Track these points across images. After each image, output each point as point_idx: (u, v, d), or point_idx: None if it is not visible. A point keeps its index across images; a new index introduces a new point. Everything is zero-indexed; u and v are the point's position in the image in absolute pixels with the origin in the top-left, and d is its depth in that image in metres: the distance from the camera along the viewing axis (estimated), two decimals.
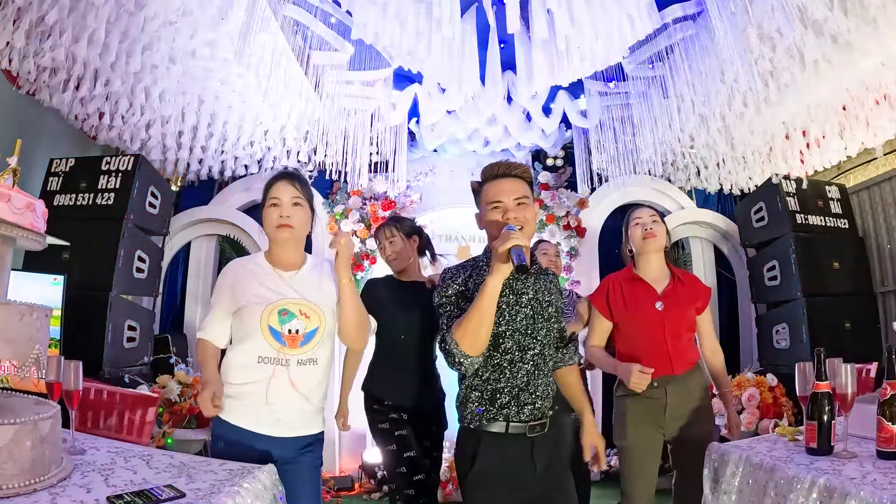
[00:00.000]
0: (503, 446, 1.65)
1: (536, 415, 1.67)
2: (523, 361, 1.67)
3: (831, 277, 3.81)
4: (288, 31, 3.33)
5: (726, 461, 1.85)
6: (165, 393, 3.17)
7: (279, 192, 1.81)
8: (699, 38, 3.21)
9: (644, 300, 2.27)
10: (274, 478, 1.61)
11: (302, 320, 1.76)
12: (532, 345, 1.68)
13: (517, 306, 1.68)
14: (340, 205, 4.25)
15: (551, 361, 1.77)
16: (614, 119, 3.87)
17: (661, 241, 2.30)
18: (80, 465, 1.53)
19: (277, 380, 1.73)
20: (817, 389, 1.72)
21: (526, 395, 1.66)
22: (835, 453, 1.67)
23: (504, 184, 1.66)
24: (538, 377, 1.68)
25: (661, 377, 2.20)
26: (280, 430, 1.75)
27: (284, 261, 1.84)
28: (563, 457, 1.78)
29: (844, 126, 3.53)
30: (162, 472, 1.52)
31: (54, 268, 3.05)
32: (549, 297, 1.74)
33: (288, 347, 1.74)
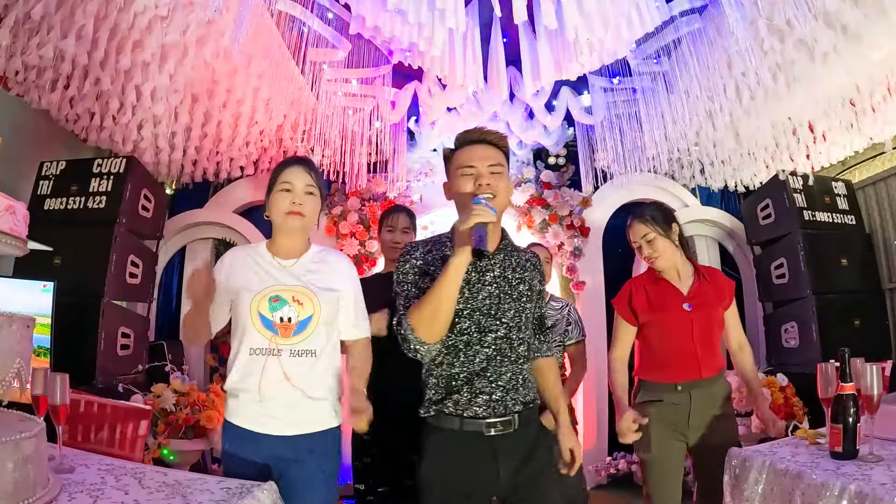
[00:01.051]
0: (455, 447, 1.50)
1: (496, 409, 1.48)
2: (482, 345, 1.50)
3: (839, 274, 3.76)
4: (284, 27, 3.24)
5: (748, 467, 1.77)
6: (160, 402, 3.07)
7: (292, 177, 1.69)
8: (706, 32, 3.14)
9: (671, 301, 2.16)
10: (274, 496, 1.51)
11: (295, 307, 1.64)
12: (495, 327, 1.51)
13: (479, 284, 1.52)
14: (339, 206, 4.16)
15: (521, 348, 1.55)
16: (619, 116, 3.79)
17: (667, 254, 2.17)
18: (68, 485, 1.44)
19: (269, 372, 1.62)
20: (842, 391, 1.65)
21: (483, 384, 1.49)
22: (860, 457, 1.61)
23: (478, 149, 1.53)
24: (501, 364, 1.50)
25: (688, 382, 2.11)
26: (277, 428, 1.63)
27: (287, 249, 1.73)
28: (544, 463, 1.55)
29: (852, 120, 3.47)
30: (155, 493, 1.42)
31: (45, 274, 2.94)
32: (520, 275, 1.56)
33: (280, 337, 1.63)
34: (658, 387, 2.16)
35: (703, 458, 2.15)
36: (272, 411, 1.63)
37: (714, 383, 2.15)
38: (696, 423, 2.11)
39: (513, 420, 1.50)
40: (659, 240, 2.16)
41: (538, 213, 4.20)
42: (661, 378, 2.16)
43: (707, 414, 2.12)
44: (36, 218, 3.27)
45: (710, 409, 2.12)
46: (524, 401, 1.53)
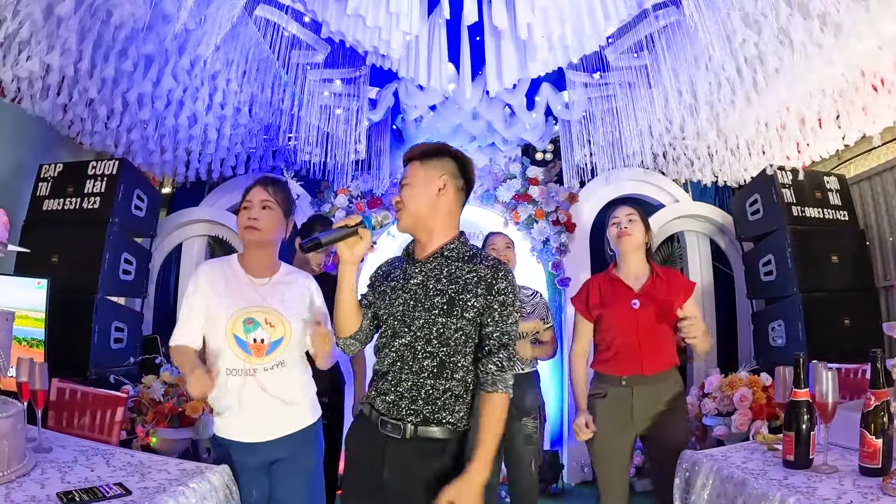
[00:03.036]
0: (362, 430, 1.61)
1: (391, 411, 1.53)
2: (389, 348, 1.57)
3: (830, 272, 3.67)
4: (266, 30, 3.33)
5: (697, 471, 1.78)
6: (150, 393, 3.22)
7: (251, 196, 1.83)
8: (682, 25, 3.10)
9: (620, 298, 2.27)
10: (226, 478, 1.65)
11: (267, 329, 1.76)
12: (402, 333, 1.54)
13: (400, 290, 1.58)
14: (327, 204, 4.25)
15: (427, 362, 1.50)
16: (600, 111, 3.77)
17: (637, 238, 2.28)
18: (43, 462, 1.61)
19: (247, 388, 1.75)
20: (795, 398, 1.62)
21: (385, 385, 1.56)
22: (813, 467, 1.57)
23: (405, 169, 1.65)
24: (401, 371, 1.53)
25: (630, 376, 2.21)
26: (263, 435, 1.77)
27: (256, 266, 1.83)
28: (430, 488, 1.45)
29: (841, 113, 3.39)
30: (118, 471, 1.59)
31: (43, 271, 3.12)
32: (443, 286, 1.51)
33: (254, 356, 1.75)
34: (606, 378, 2.28)
35: (653, 453, 2.27)
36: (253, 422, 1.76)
37: (661, 381, 2.22)
38: (640, 417, 2.20)
39: (404, 427, 1.50)
40: (639, 225, 2.30)
41: (524, 208, 4.21)
42: (607, 370, 2.28)
43: (652, 410, 2.19)
44: (35, 218, 3.53)
45: (655, 405, 2.19)
46: (427, 416, 1.49)
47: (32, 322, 2.92)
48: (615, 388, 2.23)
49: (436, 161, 1.59)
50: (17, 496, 1.33)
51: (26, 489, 1.37)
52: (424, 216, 1.57)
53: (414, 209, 1.57)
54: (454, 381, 1.51)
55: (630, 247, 2.28)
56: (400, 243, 4.31)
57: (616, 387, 2.23)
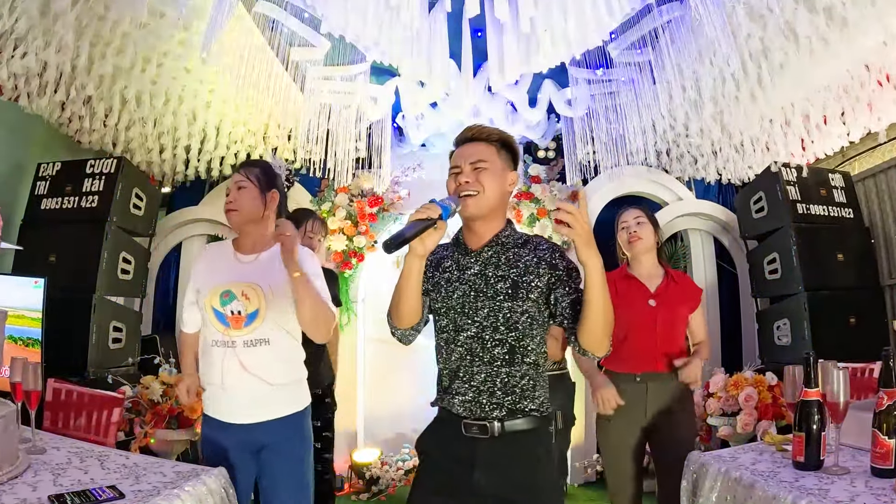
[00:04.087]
0: (444, 434, 1.52)
1: (473, 411, 1.46)
2: (456, 344, 1.50)
3: (835, 270, 3.64)
4: (265, 27, 3.30)
5: (705, 473, 1.74)
6: (148, 394, 3.19)
7: (229, 183, 1.89)
8: (686, 20, 3.07)
9: (637, 297, 2.32)
10: (223, 480, 1.63)
11: (242, 301, 1.77)
12: (466, 325, 1.48)
13: (457, 282, 1.51)
14: (328, 202, 4.22)
15: (498, 350, 1.46)
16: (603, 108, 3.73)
17: (647, 241, 2.34)
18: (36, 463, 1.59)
19: (228, 363, 1.76)
20: (805, 397, 1.59)
21: (458, 384, 1.49)
22: (824, 468, 1.53)
23: (465, 148, 1.53)
24: (472, 364, 1.47)
25: (645, 373, 2.25)
26: (244, 417, 1.77)
27: (246, 245, 1.87)
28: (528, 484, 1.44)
29: (846, 110, 3.35)
30: (112, 473, 1.56)
31: (41, 270, 3.09)
32: (504, 272, 1.48)
33: (233, 328, 1.77)
34: (619, 376, 2.28)
35: (661, 452, 2.26)
36: (236, 402, 1.77)
37: (670, 379, 2.26)
38: (654, 412, 2.23)
39: (491, 426, 1.44)
40: (647, 227, 2.35)
41: (526, 207, 4.18)
42: (622, 368, 2.29)
43: (664, 406, 2.24)
44: (33, 217, 3.50)
45: (667, 402, 2.24)
46: (511, 407, 1.45)
47: (29, 321, 2.89)
48: (630, 385, 2.25)
49: (507, 154, 1.55)
50: (8, 499, 1.30)
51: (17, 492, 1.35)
52: (494, 206, 1.51)
53: (490, 196, 1.49)
54: (526, 365, 1.48)
55: (641, 249, 2.34)
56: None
57: (631, 384, 2.25)
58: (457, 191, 1.49)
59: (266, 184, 1.87)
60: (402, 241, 1.35)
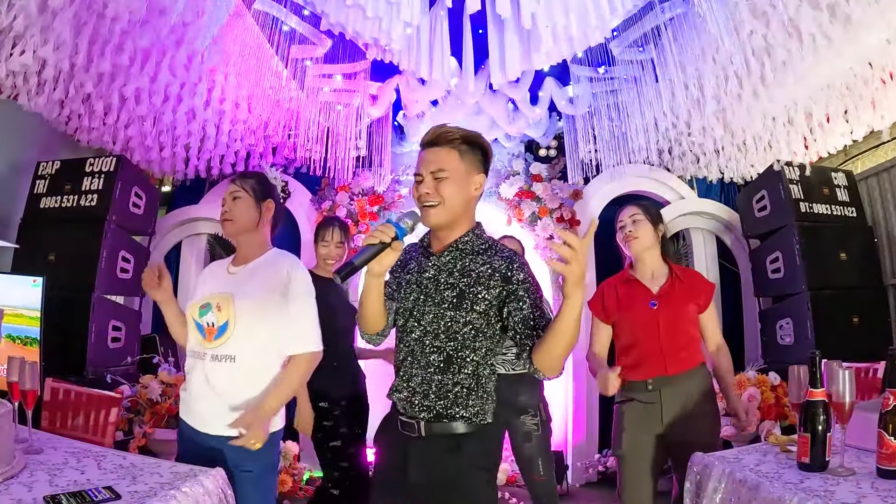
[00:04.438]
0: (388, 429, 1.58)
1: (406, 408, 1.50)
2: (403, 343, 1.54)
3: (838, 269, 3.61)
4: (265, 25, 3.28)
5: (709, 474, 1.71)
6: (147, 393, 3.18)
7: (225, 193, 1.89)
8: (688, 17, 3.05)
9: (638, 300, 2.21)
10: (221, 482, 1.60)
11: (215, 313, 1.75)
12: (412, 328, 1.51)
13: (414, 284, 1.53)
14: (328, 201, 4.20)
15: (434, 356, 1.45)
16: (606, 106, 3.71)
17: (645, 240, 2.23)
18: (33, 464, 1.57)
19: (196, 373, 1.77)
20: (811, 397, 1.57)
21: (398, 382, 1.53)
22: (829, 469, 1.51)
23: (428, 154, 1.47)
24: (412, 367, 1.49)
25: (656, 378, 2.14)
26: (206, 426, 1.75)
27: (241, 255, 1.88)
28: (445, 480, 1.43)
29: (849, 108, 3.33)
30: (109, 473, 1.54)
31: (40, 269, 3.07)
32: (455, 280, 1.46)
33: (206, 340, 1.76)
34: (631, 385, 2.18)
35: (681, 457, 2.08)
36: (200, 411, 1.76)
37: (688, 379, 2.14)
38: (671, 419, 2.11)
39: (417, 426, 1.48)
40: (644, 224, 2.22)
41: (527, 205, 4.16)
42: (633, 376, 2.18)
43: (682, 412, 2.11)
44: (32, 216, 3.49)
45: (685, 406, 2.11)
46: (441, 412, 1.45)
47: (27, 320, 2.87)
48: (642, 392, 2.16)
49: (472, 156, 1.48)
50: (3, 499, 1.29)
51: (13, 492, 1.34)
52: (457, 214, 1.48)
53: (451, 205, 1.45)
54: (462, 374, 1.47)
55: (639, 249, 2.24)
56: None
57: (643, 392, 2.16)
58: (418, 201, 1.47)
59: (261, 193, 1.87)
60: (352, 269, 1.37)
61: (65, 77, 2.97)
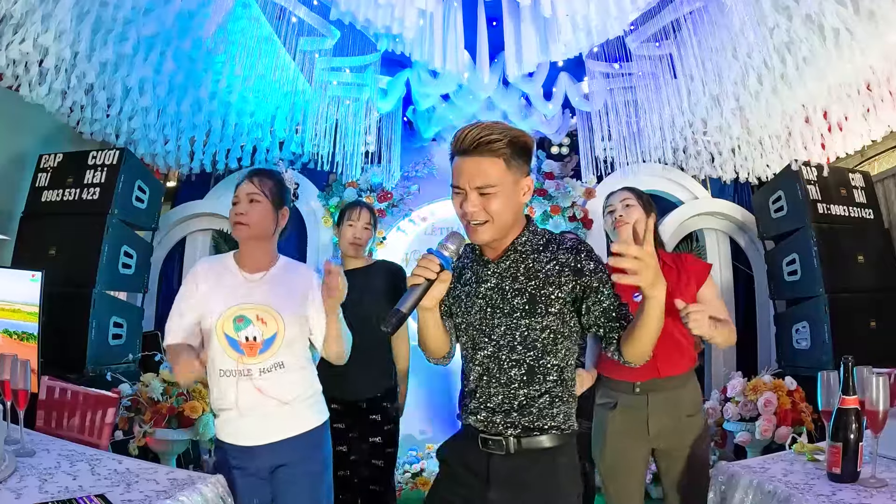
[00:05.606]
0: (462, 443, 1.44)
1: (489, 427, 1.37)
2: (473, 362, 1.40)
3: (855, 272, 3.53)
4: (272, 17, 3.21)
5: (735, 485, 1.63)
6: (148, 392, 3.10)
7: (239, 191, 1.75)
8: (708, 11, 2.97)
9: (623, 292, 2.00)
10: (220, 490, 1.54)
11: (259, 326, 1.67)
12: (483, 344, 1.38)
13: (475, 297, 1.39)
14: (336, 197, 4.12)
15: (515, 371, 1.35)
16: (620, 102, 3.63)
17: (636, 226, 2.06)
18: (23, 467, 1.50)
19: (244, 390, 1.66)
20: (844, 405, 1.49)
21: (474, 403, 1.40)
22: (861, 480, 1.45)
23: (466, 164, 1.30)
24: (489, 386, 1.37)
25: (645, 382, 1.96)
26: (262, 438, 1.67)
27: (251, 262, 1.76)
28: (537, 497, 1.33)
29: (869, 107, 3.25)
30: (103, 480, 1.47)
31: (41, 264, 3.01)
32: (521, 285, 1.34)
33: (247, 356, 1.66)
34: (616, 384, 2.03)
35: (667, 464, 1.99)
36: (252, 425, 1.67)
37: (679, 385, 1.97)
38: (659, 427, 1.95)
39: (505, 443, 1.35)
40: (636, 210, 2.05)
41: (539, 203, 4.08)
42: (618, 375, 2.02)
43: (671, 419, 1.94)
44: (34, 210, 3.42)
45: (674, 414, 1.94)
46: (527, 426, 1.34)
47: (25, 316, 2.80)
48: (627, 395, 1.99)
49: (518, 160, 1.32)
50: None
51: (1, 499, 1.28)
52: (509, 226, 1.35)
53: (502, 221, 1.32)
54: (548, 383, 1.35)
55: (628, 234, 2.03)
56: (410, 240, 4.19)
57: (628, 394, 1.98)
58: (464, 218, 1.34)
59: (279, 199, 1.77)
60: (402, 317, 1.26)
61: (67, 67, 2.90)
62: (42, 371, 2.62)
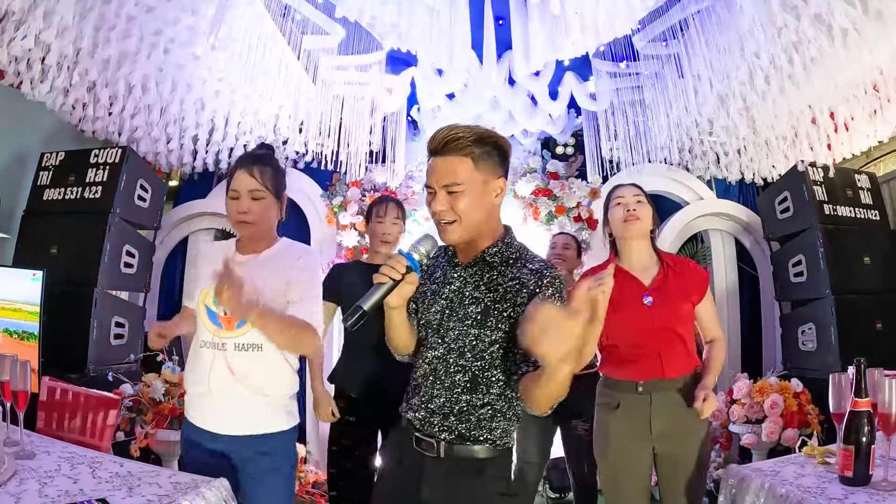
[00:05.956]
0: (399, 443, 1.46)
1: (424, 427, 1.39)
2: (423, 359, 1.42)
3: (861, 273, 3.51)
4: (276, 14, 3.18)
5: (746, 488, 1.63)
6: (150, 392, 3.07)
7: (238, 184, 1.67)
8: (716, 10, 2.94)
9: (631, 294, 1.98)
10: (224, 493, 1.51)
11: None
12: (436, 344, 1.39)
13: (438, 296, 1.41)
14: (339, 196, 4.09)
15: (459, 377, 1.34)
16: (626, 102, 3.61)
17: (645, 224, 2.01)
18: (23, 470, 1.47)
19: (216, 367, 1.63)
20: (856, 408, 1.49)
21: (416, 400, 1.42)
22: (872, 483, 1.45)
23: (437, 163, 1.33)
24: (433, 386, 1.38)
25: (649, 381, 1.93)
26: (227, 427, 1.64)
27: (248, 247, 1.75)
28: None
29: (876, 108, 3.23)
30: (104, 483, 1.44)
31: (42, 263, 2.98)
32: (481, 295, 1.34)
33: (224, 330, 1.64)
34: (618, 384, 2.01)
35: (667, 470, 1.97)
36: (222, 410, 1.64)
37: (682, 385, 1.94)
38: (661, 427, 1.92)
39: (437, 445, 1.36)
40: (647, 207, 2.04)
41: (544, 204, 4.06)
42: (621, 375, 2.00)
43: (673, 419, 1.92)
44: (35, 208, 3.39)
45: (676, 414, 1.92)
46: (464, 433, 1.33)
47: (26, 315, 2.77)
48: (630, 395, 1.96)
49: (488, 160, 1.33)
50: None
51: None
52: (478, 227, 1.36)
53: (470, 221, 1.33)
54: (491, 395, 1.35)
55: (637, 232, 2.00)
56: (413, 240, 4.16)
57: (631, 394, 1.96)
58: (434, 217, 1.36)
59: (281, 187, 1.73)
60: (361, 314, 1.24)
61: (69, 64, 2.87)
62: (43, 371, 2.60)
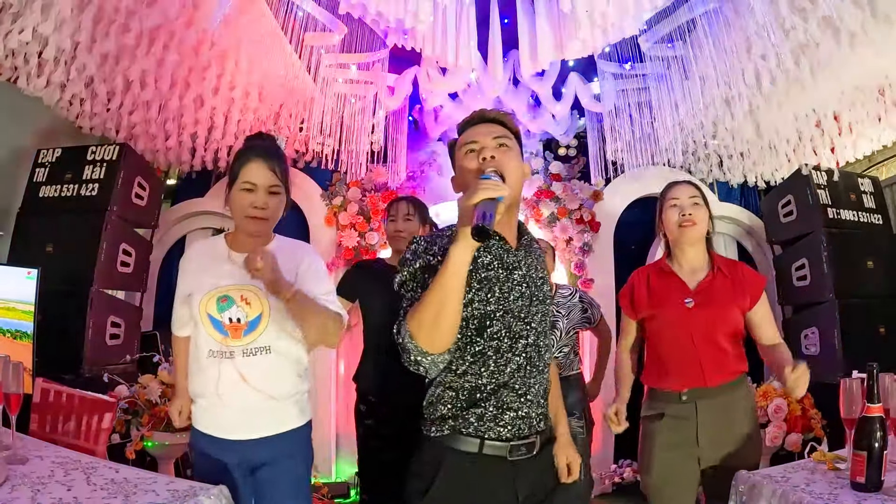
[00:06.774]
0: (474, 472, 1.27)
1: (522, 429, 1.29)
2: (513, 352, 1.28)
3: (865, 278, 3.49)
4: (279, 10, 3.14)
5: (757, 495, 1.57)
6: (146, 394, 3.01)
7: (255, 177, 1.57)
8: (723, 12, 2.92)
9: (672, 296, 1.90)
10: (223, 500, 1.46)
11: (243, 307, 1.57)
12: (525, 332, 1.31)
13: (509, 283, 1.30)
14: (339, 196, 4.05)
15: (547, 356, 1.38)
16: (631, 104, 3.59)
17: (701, 229, 1.91)
18: (15, 476, 1.42)
19: (225, 376, 1.56)
20: (869, 413, 1.45)
21: (511, 397, 1.28)
22: (885, 489, 1.41)
23: (481, 127, 1.36)
24: (530, 376, 1.31)
25: (692, 390, 1.85)
26: (244, 432, 1.58)
27: (246, 243, 1.62)
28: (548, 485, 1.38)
29: (880, 112, 3.22)
30: (98, 490, 1.39)
31: (38, 261, 2.92)
32: (542, 274, 1.41)
33: (231, 338, 1.57)
34: (662, 395, 1.93)
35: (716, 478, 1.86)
36: (234, 417, 1.58)
37: (729, 392, 1.86)
38: (709, 437, 1.83)
39: (535, 442, 1.33)
40: (703, 210, 1.93)
41: (546, 206, 4.03)
42: (664, 384, 1.93)
43: (722, 428, 1.84)
44: (31, 205, 3.34)
45: (725, 423, 1.84)
46: (546, 415, 1.39)
47: (20, 314, 2.72)
48: (674, 405, 1.88)
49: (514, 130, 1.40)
50: None
51: None
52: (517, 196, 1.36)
53: (514, 182, 1.30)
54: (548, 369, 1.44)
55: (692, 238, 1.91)
56: None
57: (675, 404, 1.87)
58: (480, 168, 1.26)
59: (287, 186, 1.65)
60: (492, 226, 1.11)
61: (66, 58, 2.82)
62: (37, 371, 2.54)
